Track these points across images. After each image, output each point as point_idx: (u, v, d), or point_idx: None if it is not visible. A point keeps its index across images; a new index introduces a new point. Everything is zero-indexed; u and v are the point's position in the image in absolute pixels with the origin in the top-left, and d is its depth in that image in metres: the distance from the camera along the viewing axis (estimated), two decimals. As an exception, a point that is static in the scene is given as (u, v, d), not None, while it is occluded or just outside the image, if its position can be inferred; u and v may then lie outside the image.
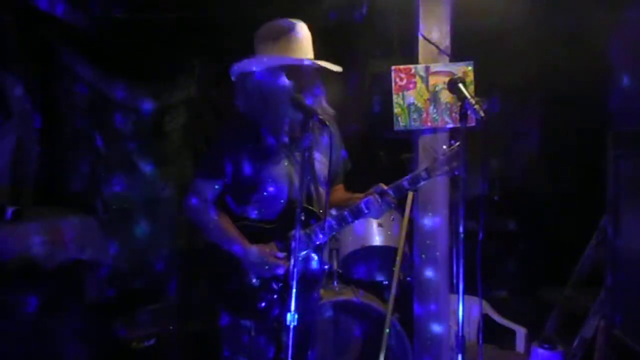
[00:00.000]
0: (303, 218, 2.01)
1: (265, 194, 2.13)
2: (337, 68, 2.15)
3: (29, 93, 3.65)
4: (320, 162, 2.24)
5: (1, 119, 3.46)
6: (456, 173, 2.13)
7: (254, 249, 2.09)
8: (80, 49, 3.85)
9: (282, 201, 2.14)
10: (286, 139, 2.16)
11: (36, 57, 3.72)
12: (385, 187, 2.15)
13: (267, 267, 2.09)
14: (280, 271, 2.09)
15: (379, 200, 2.12)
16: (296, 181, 2.13)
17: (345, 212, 2.16)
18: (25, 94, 3.62)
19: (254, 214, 2.16)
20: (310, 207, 2.15)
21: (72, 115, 3.98)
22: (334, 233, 2.22)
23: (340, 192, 2.41)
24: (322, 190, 2.23)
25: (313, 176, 2.17)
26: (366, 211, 2.15)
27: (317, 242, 2.15)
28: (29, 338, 2.96)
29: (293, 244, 1.88)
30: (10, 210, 3.28)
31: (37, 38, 3.66)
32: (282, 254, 2.10)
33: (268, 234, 2.13)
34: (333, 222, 2.16)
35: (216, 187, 2.15)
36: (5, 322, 2.93)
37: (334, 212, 2.21)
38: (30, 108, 3.66)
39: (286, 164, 2.15)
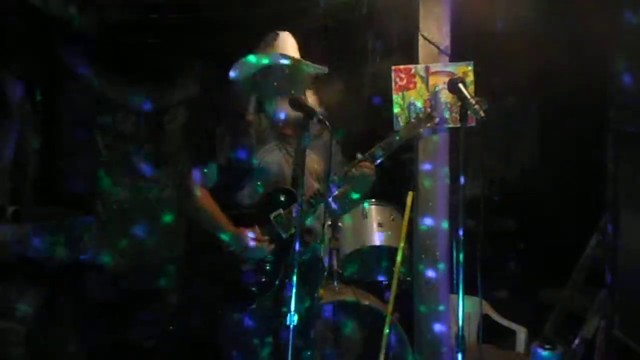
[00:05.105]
0: (283, 199, 2.17)
1: (255, 181, 2.21)
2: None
3: (29, 93, 3.66)
4: (312, 159, 2.31)
5: (1, 119, 3.46)
6: (426, 133, 2.31)
7: (238, 233, 2.14)
8: (81, 50, 3.85)
9: (270, 191, 2.21)
10: (281, 131, 2.27)
11: (37, 58, 3.72)
12: (360, 156, 2.21)
13: (252, 249, 2.13)
14: (266, 253, 2.15)
15: (356, 169, 2.17)
16: (287, 171, 2.23)
17: (326, 182, 2.22)
18: (26, 94, 3.62)
19: (244, 200, 2.22)
20: (290, 189, 2.20)
21: (72, 115, 3.98)
22: (316, 209, 2.24)
23: None
24: (312, 182, 2.29)
25: (302, 169, 2.19)
26: (347, 183, 2.20)
27: (304, 221, 2.21)
28: (29, 338, 2.96)
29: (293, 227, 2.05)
30: (10, 210, 3.29)
31: (38, 38, 3.66)
32: (265, 237, 2.16)
33: (250, 218, 2.18)
34: (313, 201, 2.20)
35: (208, 174, 2.22)
36: (6, 322, 2.93)
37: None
38: (30, 108, 3.66)
39: (279, 154, 2.24)
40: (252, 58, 2.25)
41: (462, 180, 1.93)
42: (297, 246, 1.86)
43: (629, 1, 2.88)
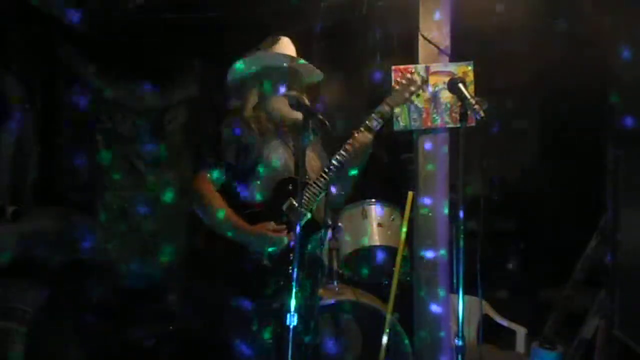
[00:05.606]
0: (291, 188, 2.22)
1: (260, 178, 2.24)
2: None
3: (29, 93, 3.65)
4: (312, 157, 2.38)
5: (1, 119, 3.46)
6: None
7: (255, 229, 2.16)
8: (81, 49, 3.85)
9: (276, 183, 2.24)
10: (282, 129, 2.32)
11: (36, 57, 3.72)
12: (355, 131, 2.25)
13: (272, 242, 2.16)
14: (288, 242, 2.18)
15: (353, 141, 2.22)
16: (292, 167, 2.28)
17: (331, 161, 2.24)
18: (25, 94, 3.62)
19: (252, 197, 2.25)
20: (295, 177, 2.24)
21: (72, 115, 3.98)
22: (324, 189, 2.25)
23: None
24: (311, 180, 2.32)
25: (304, 168, 2.22)
26: (346, 154, 2.22)
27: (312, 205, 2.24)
28: (29, 338, 2.96)
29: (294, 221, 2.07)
30: (10, 210, 3.29)
31: (38, 38, 3.66)
32: (281, 227, 2.19)
33: (263, 215, 2.21)
34: (321, 180, 2.22)
35: (217, 174, 2.24)
36: (6, 322, 2.93)
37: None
38: (30, 108, 3.66)
39: (283, 151, 2.29)
40: (240, 65, 2.34)
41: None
42: (297, 244, 1.88)
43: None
